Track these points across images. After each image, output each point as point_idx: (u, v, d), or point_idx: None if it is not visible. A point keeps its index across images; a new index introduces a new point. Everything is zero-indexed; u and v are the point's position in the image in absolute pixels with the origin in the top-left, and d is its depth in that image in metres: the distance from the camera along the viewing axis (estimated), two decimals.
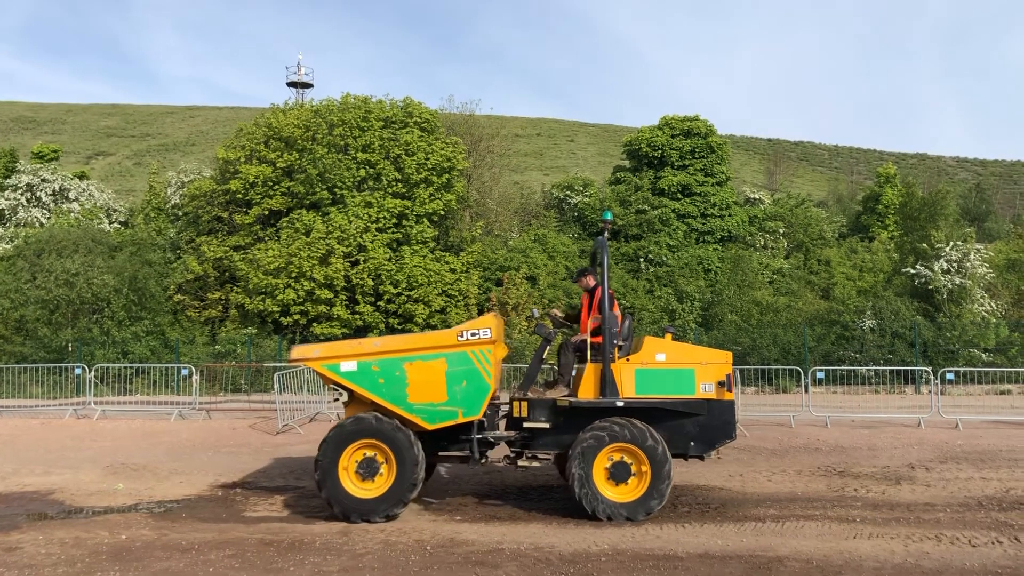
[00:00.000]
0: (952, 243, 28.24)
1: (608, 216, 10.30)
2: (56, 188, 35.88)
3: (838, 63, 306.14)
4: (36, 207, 35.12)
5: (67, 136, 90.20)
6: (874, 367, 22.58)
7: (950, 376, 18.91)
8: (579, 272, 9.90)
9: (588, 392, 8.83)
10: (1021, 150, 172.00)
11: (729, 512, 8.83)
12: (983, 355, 25.58)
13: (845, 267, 34.59)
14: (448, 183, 29.78)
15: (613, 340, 8.80)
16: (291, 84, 62.72)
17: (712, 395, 8.74)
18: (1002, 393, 21.67)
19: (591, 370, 8.88)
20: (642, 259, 33.05)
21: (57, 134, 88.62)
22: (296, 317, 26.39)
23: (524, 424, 8.98)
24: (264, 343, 26.06)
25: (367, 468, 8.56)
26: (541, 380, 11.11)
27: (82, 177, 41.03)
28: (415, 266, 27.22)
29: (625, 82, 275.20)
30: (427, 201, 28.81)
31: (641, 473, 8.46)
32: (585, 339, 9.13)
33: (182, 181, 35.06)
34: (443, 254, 28.94)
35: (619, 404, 8.63)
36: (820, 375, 19.84)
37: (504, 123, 46.92)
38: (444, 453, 9.20)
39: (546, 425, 8.91)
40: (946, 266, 27.71)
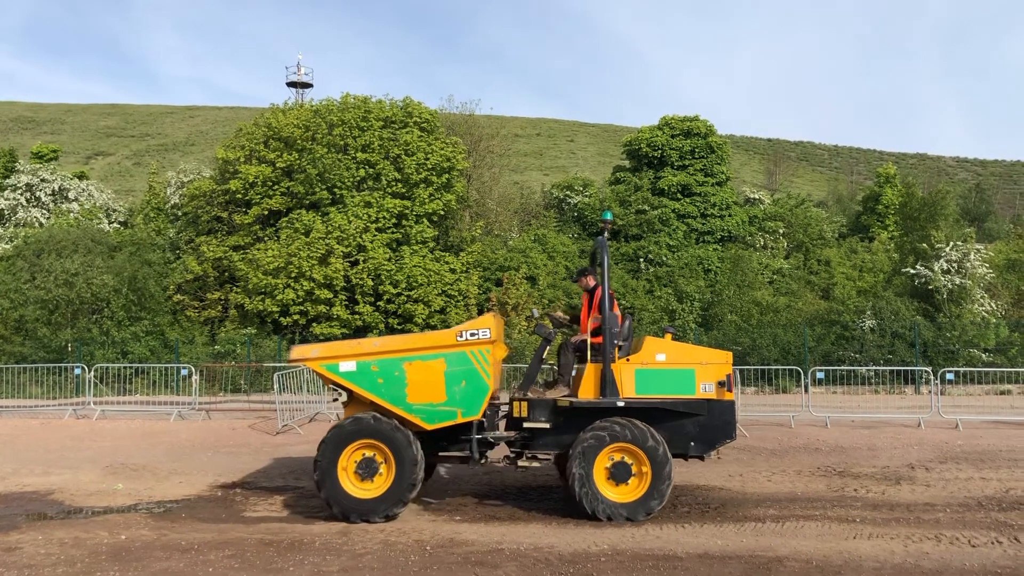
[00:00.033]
0: (952, 243, 28.24)
1: (608, 216, 10.30)
2: (55, 188, 35.89)
3: (838, 63, 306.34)
4: (35, 207, 35.12)
5: (67, 136, 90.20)
6: (874, 367, 22.57)
7: (950, 376, 18.91)
8: (579, 272, 9.89)
9: (588, 392, 8.82)
10: (1021, 150, 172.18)
11: (729, 512, 8.83)
12: (983, 355, 25.59)
13: (845, 267, 34.60)
14: (448, 183, 29.78)
15: (613, 340, 8.80)
16: (291, 84, 62.82)
17: (712, 395, 8.74)
18: (1002, 393, 21.67)
19: (591, 370, 8.87)
20: (642, 259, 33.05)
21: (57, 134, 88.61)
22: (296, 317, 26.39)
23: (524, 424, 8.97)
24: (264, 343, 26.07)
25: (366, 468, 8.55)
26: (541, 380, 11.10)
27: (81, 177, 41.02)
28: (415, 266, 27.22)
29: (625, 82, 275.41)
30: (427, 201, 28.82)
31: (641, 473, 8.46)
32: (585, 339, 9.13)
33: (182, 181, 35.06)
34: (443, 254, 28.94)
35: (620, 404, 8.63)
36: (820, 375, 19.83)
37: (504, 123, 46.92)
38: (444, 453, 9.19)
39: (546, 425, 8.91)
40: (946, 266, 27.71)
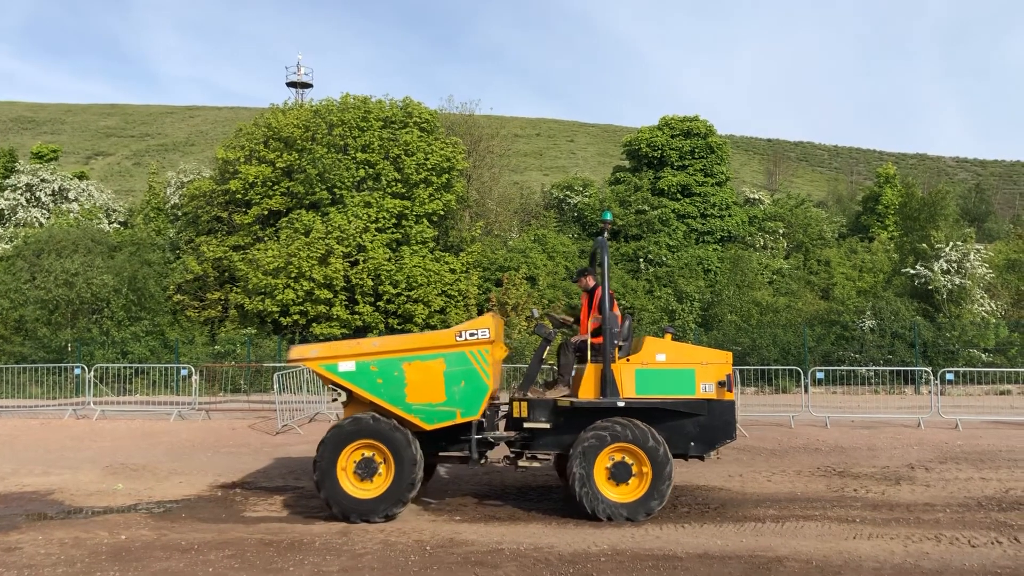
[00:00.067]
0: (952, 243, 28.24)
1: (608, 216, 10.30)
2: (55, 188, 35.89)
3: (838, 63, 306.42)
4: (35, 207, 35.12)
5: (66, 136, 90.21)
6: (874, 367, 22.58)
7: (950, 376, 18.90)
8: (579, 272, 9.90)
9: (588, 392, 8.82)
10: (1021, 150, 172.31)
11: (729, 512, 8.83)
12: (983, 355, 25.59)
13: (845, 267, 34.61)
14: (448, 183, 29.78)
15: (614, 340, 8.80)
16: (291, 84, 62.83)
17: (712, 395, 8.73)
18: (1002, 393, 21.67)
19: (591, 370, 8.87)
20: (642, 259, 33.06)
21: (56, 134, 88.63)
22: (295, 317, 26.39)
23: (524, 424, 8.97)
24: (263, 343, 26.06)
25: (365, 468, 8.55)
26: (541, 380, 11.10)
27: (81, 177, 41.04)
28: (415, 266, 27.22)
29: (625, 82, 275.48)
30: (427, 201, 28.81)
31: (642, 474, 8.45)
32: (585, 339, 9.13)
33: (181, 181, 35.07)
34: (443, 254, 28.94)
35: (620, 404, 8.63)
36: (820, 375, 19.83)
37: (504, 123, 46.92)
38: (444, 453, 9.19)
39: (546, 425, 8.91)
40: (946, 266, 27.71)
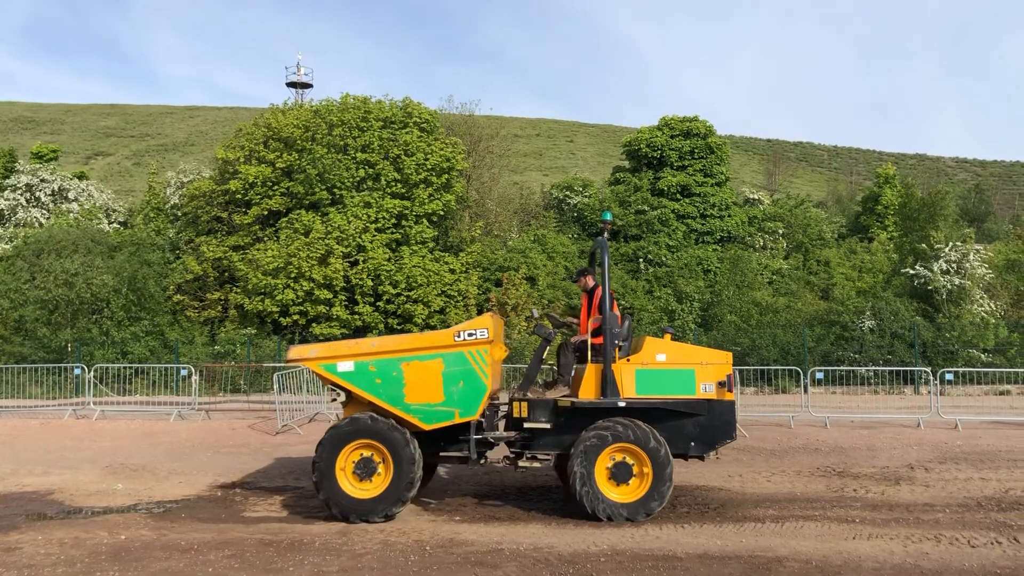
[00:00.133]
0: (951, 244, 28.24)
1: (608, 216, 10.30)
2: (55, 188, 35.88)
3: (838, 63, 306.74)
4: (35, 207, 35.11)
5: (66, 136, 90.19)
6: (873, 367, 22.57)
7: (949, 377, 18.87)
8: (578, 272, 9.90)
9: (589, 392, 8.82)
10: (1021, 151, 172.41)
11: (728, 512, 8.83)
12: (982, 355, 25.59)
13: (844, 267, 34.62)
14: (447, 183, 29.78)
15: (614, 340, 8.80)
16: (291, 84, 62.82)
17: (712, 395, 8.73)
18: (1001, 394, 21.67)
19: (592, 370, 8.87)
20: (641, 259, 33.06)
21: (56, 134, 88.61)
22: (295, 317, 26.39)
23: (524, 424, 8.97)
24: (263, 343, 26.06)
25: (364, 468, 8.55)
26: (540, 380, 11.10)
27: (81, 177, 41.02)
28: (414, 266, 27.22)
29: (625, 82, 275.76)
30: (426, 201, 28.82)
31: (643, 474, 8.45)
32: (585, 339, 9.13)
33: (181, 181, 35.07)
34: (442, 254, 28.95)
35: (621, 404, 8.62)
36: (819, 375, 19.82)
37: (504, 123, 46.92)
38: (443, 454, 9.19)
39: (547, 425, 8.90)
40: (945, 267, 27.71)
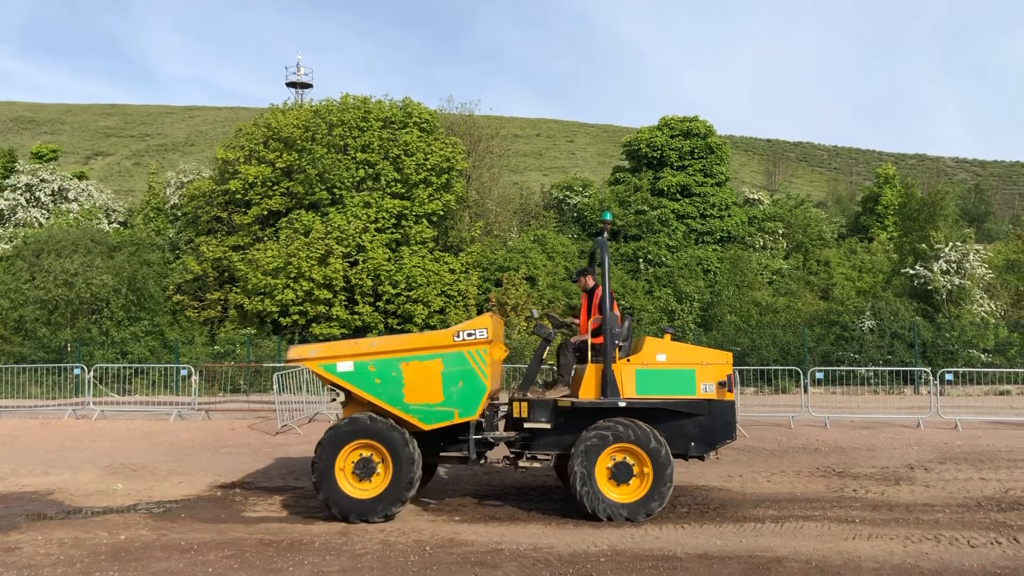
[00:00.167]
0: (951, 244, 28.24)
1: (607, 216, 10.29)
2: (55, 188, 35.88)
3: (838, 63, 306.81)
4: (35, 207, 35.11)
5: (66, 136, 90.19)
6: (873, 368, 22.57)
7: (949, 377, 18.87)
8: (578, 272, 9.90)
9: (589, 392, 8.82)
10: (1020, 151, 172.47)
11: (728, 513, 8.83)
12: (982, 356, 25.59)
13: (844, 268, 34.61)
14: (447, 183, 29.77)
15: (614, 340, 8.79)
16: (290, 84, 62.85)
17: (713, 395, 8.73)
18: (1001, 394, 21.68)
19: (592, 371, 8.86)
20: (641, 260, 33.06)
21: (56, 134, 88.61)
22: (295, 317, 26.39)
23: (524, 425, 8.96)
24: (263, 343, 26.05)
25: (363, 468, 8.55)
26: (540, 381, 11.10)
27: (81, 177, 41.02)
28: (414, 266, 27.22)
29: (625, 82, 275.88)
30: (426, 201, 28.81)
31: (643, 474, 8.45)
32: (585, 339, 9.12)
33: (181, 181, 35.06)
34: (442, 254, 28.94)
35: (622, 404, 8.62)
36: (819, 376, 19.81)
37: (504, 123, 46.92)
38: (443, 454, 9.18)
39: (547, 426, 8.90)
40: (945, 267, 27.71)
